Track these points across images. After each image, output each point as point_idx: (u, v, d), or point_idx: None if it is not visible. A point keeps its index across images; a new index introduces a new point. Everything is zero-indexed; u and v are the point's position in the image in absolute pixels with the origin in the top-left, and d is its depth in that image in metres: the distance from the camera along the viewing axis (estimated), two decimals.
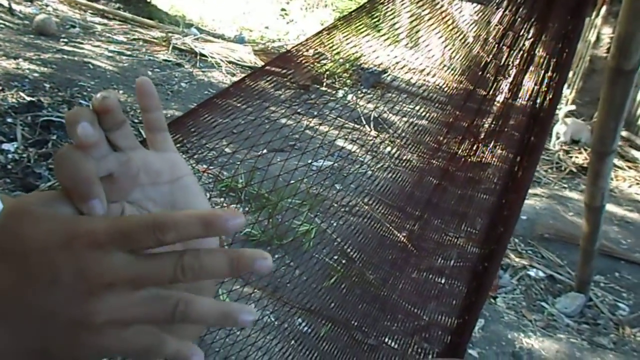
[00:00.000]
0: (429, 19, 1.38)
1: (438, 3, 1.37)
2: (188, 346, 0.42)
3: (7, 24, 6.17)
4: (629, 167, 5.74)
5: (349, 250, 2.25)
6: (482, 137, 1.31)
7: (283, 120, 1.54)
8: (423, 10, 1.39)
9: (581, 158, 5.67)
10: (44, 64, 4.99)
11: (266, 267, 0.39)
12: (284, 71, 1.52)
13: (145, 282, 0.39)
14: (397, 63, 1.54)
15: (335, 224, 2.66)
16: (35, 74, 4.62)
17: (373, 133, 4.09)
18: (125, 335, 0.39)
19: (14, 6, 6.76)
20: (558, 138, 5.84)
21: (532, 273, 3.51)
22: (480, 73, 1.26)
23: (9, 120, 3.59)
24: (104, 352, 0.40)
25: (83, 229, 0.38)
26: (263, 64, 7.02)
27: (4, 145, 3.31)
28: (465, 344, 1.17)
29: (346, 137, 3.05)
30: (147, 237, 0.38)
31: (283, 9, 12.77)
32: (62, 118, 3.75)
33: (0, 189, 2.87)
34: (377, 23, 1.44)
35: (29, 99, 3.98)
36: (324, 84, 4.13)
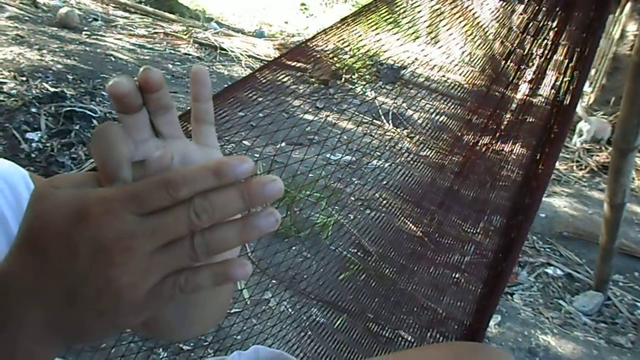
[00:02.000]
0: (449, 14, 1.37)
1: None
2: (226, 263, 0.41)
3: (31, 16, 6.26)
4: None
5: (365, 243, 2.26)
6: (504, 126, 1.30)
7: (302, 114, 1.55)
8: (443, 5, 1.39)
9: (602, 156, 5.59)
10: (67, 56, 5.06)
11: (277, 189, 0.39)
12: (303, 66, 1.52)
13: (163, 236, 0.38)
14: (416, 59, 1.53)
15: (352, 218, 2.67)
16: (59, 66, 4.69)
17: (391, 128, 4.08)
18: (154, 292, 0.40)
19: None
20: (581, 136, 5.77)
21: (550, 271, 3.48)
22: (503, 62, 1.26)
23: (33, 110, 3.65)
24: (138, 316, 0.41)
25: (94, 199, 0.38)
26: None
27: (28, 135, 3.38)
28: (485, 330, 1.17)
29: (364, 132, 3.05)
30: (160, 196, 0.38)
31: (303, 4, 12.75)
32: (85, 109, 3.81)
33: None
34: (396, 18, 1.43)
35: (52, 89, 4.05)
36: (343, 78, 4.13)
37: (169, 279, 0.40)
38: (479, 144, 1.38)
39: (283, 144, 2.18)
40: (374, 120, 3.93)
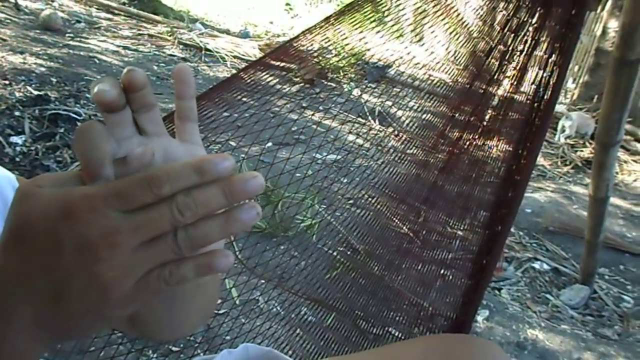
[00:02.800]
0: (432, 13, 1.39)
1: None
2: (208, 255, 0.41)
3: (13, 19, 6.21)
4: (634, 161, 5.73)
5: (353, 241, 2.27)
6: (486, 122, 1.32)
7: (288, 114, 1.56)
8: (427, 4, 1.40)
9: (586, 152, 5.66)
10: (51, 58, 5.02)
11: (259, 185, 0.40)
12: (288, 65, 1.53)
13: (147, 231, 0.39)
14: (401, 57, 1.55)
15: (340, 216, 2.68)
16: (42, 69, 4.65)
17: (377, 127, 4.10)
18: (139, 286, 0.40)
19: (20, 2, 6.79)
20: (563, 132, 5.84)
21: (536, 265, 3.52)
22: (485, 58, 1.28)
23: (17, 113, 3.62)
24: (124, 309, 0.41)
25: (79, 196, 0.39)
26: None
27: (13, 138, 3.35)
28: (471, 322, 1.18)
29: (351, 130, 3.06)
30: (143, 193, 0.39)
31: (288, 4, 12.76)
32: (69, 111, 3.78)
33: None
34: (380, 17, 1.44)
35: (36, 92, 4.02)
36: (329, 78, 4.14)
37: (154, 273, 0.40)
38: (463, 139, 1.40)
39: (269, 144, 2.19)
40: (360, 119, 3.95)
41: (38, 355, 0.43)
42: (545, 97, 1.07)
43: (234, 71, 6.31)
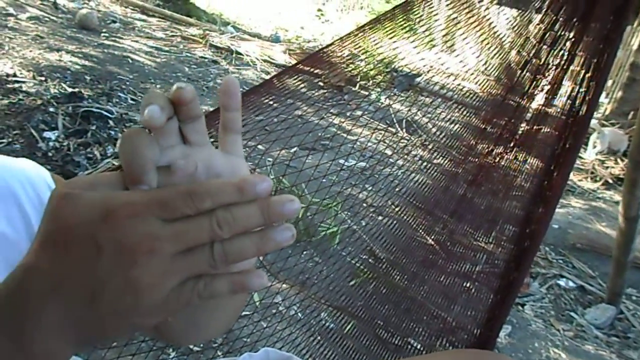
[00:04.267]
0: (465, 23, 1.38)
1: (475, 7, 1.37)
2: (244, 274, 0.43)
3: (51, 17, 6.35)
4: None
5: (376, 250, 2.26)
6: (518, 135, 1.30)
7: (316, 120, 1.56)
8: (459, 14, 1.39)
9: (617, 168, 5.54)
10: (85, 57, 5.12)
11: (294, 209, 0.42)
12: (318, 71, 1.53)
13: (185, 241, 0.40)
14: (431, 67, 1.54)
15: (364, 224, 2.67)
16: (77, 67, 4.75)
17: (405, 136, 4.08)
18: (172, 295, 0.41)
19: (58, 0, 6.96)
20: (595, 147, 5.72)
21: (562, 282, 3.46)
22: (519, 71, 1.26)
23: (51, 109, 3.70)
24: (154, 317, 0.42)
25: (121, 202, 0.40)
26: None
27: (46, 134, 3.42)
28: (495, 338, 1.17)
29: (378, 139, 3.05)
30: (184, 204, 0.40)
31: (319, 10, 12.81)
32: (102, 109, 3.85)
33: None
34: (412, 26, 1.44)
35: (70, 90, 4.10)
36: (358, 85, 4.14)
37: (188, 284, 0.41)
38: (493, 153, 1.38)
39: (297, 149, 2.19)
40: (388, 127, 3.93)
41: (66, 357, 0.44)
42: (580, 112, 1.05)
43: (263, 75, 6.36)
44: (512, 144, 1.33)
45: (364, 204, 2.16)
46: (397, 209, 1.79)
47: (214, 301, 0.55)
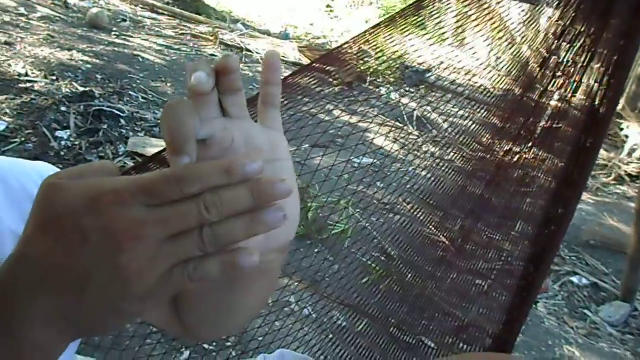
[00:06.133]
0: (475, 19, 1.36)
1: (485, 2, 1.36)
2: (233, 252, 0.41)
3: (62, 16, 6.39)
4: None
5: (388, 248, 2.25)
6: (537, 134, 1.28)
7: (326, 116, 1.55)
8: (470, 10, 1.38)
9: (632, 165, 5.49)
10: (96, 56, 5.15)
11: (285, 190, 0.41)
12: (328, 68, 1.53)
13: (173, 226, 0.40)
14: (441, 63, 1.52)
15: (375, 222, 2.66)
16: (88, 66, 4.78)
17: (415, 132, 4.06)
18: (162, 280, 0.40)
19: (69, 0, 7.00)
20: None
21: (575, 280, 3.43)
22: (538, 69, 1.24)
23: (63, 109, 3.72)
24: (144, 303, 0.41)
25: (106, 189, 0.39)
26: (307, 59, 7.08)
27: (58, 133, 3.44)
28: (514, 341, 1.16)
29: (388, 135, 3.04)
30: (170, 189, 0.39)
31: (328, 6, 12.78)
32: (113, 108, 3.87)
33: None
34: (422, 21, 1.43)
35: (81, 89, 4.12)
36: (367, 81, 4.12)
37: (178, 268, 0.41)
38: (512, 152, 1.36)
39: (306, 146, 2.19)
40: (398, 123, 3.92)
41: (60, 350, 0.44)
42: (601, 111, 1.03)
43: None
44: (530, 143, 1.31)
45: (375, 201, 2.15)
46: (408, 206, 1.78)
47: (243, 283, 0.55)
